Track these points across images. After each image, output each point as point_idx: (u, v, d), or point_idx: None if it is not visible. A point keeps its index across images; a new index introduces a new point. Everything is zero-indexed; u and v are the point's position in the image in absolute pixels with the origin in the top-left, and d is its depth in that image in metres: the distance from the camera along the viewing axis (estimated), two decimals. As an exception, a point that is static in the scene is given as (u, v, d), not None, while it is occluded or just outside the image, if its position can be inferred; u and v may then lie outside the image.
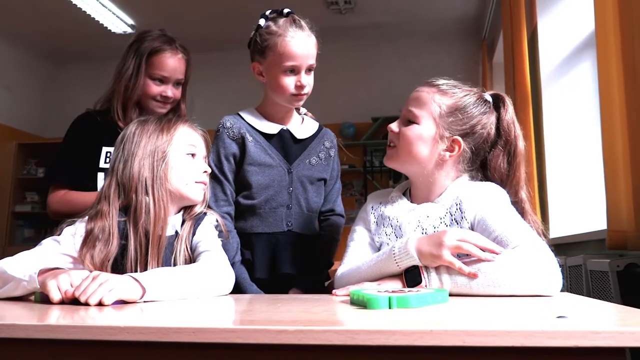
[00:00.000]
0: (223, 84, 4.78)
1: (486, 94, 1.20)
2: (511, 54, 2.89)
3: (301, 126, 1.48)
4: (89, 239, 1.14)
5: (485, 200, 1.09)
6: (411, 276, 1.00)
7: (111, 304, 0.87)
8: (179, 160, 1.22)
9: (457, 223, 1.10)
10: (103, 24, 4.48)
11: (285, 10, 1.37)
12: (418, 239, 1.01)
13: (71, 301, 0.89)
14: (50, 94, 5.43)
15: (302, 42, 1.34)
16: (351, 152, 2.01)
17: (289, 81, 1.35)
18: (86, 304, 0.86)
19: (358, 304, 0.82)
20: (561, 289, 0.94)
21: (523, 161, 1.18)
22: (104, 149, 1.64)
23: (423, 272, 0.99)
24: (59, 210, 1.60)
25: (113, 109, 1.65)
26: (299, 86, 1.36)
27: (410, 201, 1.20)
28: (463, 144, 1.14)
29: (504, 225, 1.03)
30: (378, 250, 1.18)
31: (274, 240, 1.39)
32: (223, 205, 1.38)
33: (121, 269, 1.14)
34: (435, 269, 0.98)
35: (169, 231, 1.20)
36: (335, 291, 1.03)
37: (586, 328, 0.57)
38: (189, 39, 1.79)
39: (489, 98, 1.20)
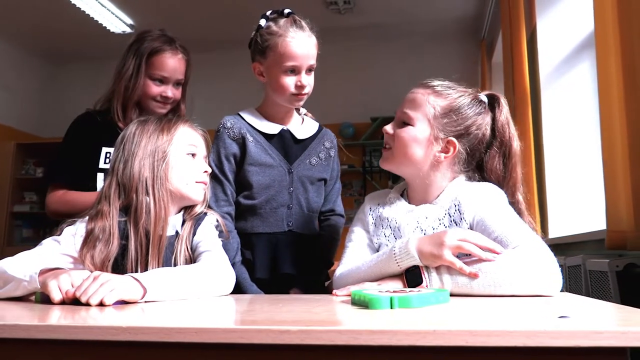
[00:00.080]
0: (223, 84, 4.78)
1: (481, 95, 1.19)
2: (510, 54, 2.89)
3: (301, 126, 1.48)
4: (89, 239, 1.14)
5: (483, 201, 1.09)
6: (412, 276, 1.00)
7: (112, 304, 0.87)
8: (179, 160, 1.22)
9: (456, 224, 1.10)
10: (102, 24, 4.48)
11: (286, 11, 1.37)
12: (419, 239, 1.01)
13: (72, 301, 0.89)
14: (48, 94, 5.41)
15: (303, 43, 1.34)
16: (350, 152, 2.00)
17: (289, 81, 1.36)
18: (87, 304, 0.86)
19: (359, 304, 0.82)
20: (561, 289, 0.94)
21: (519, 162, 1.18)
22: (104, 149, 1.64)
23: (424, 272, 0.99)
24: (58, 210, 1.60)
25: (113, 109, 1.65)
26: (299, 86, 1.36)
27: (408, 202, 1.20)
28: (458, 145, 1.14)
29: (504, 226, 1.03)
30: (377, 251, 1.17)
31: (274, 240, 1.39)
32: (223, 205, 1.38)
33: (121, 269, 1.14)
34: (435, 269, 0.98)
35: (170, 231, 1.20)
36: (336, 291, 1.03)
37: (588, 328, 0.57)
38: (188, 39, 1.78)
39: (485, 98, 1.19)
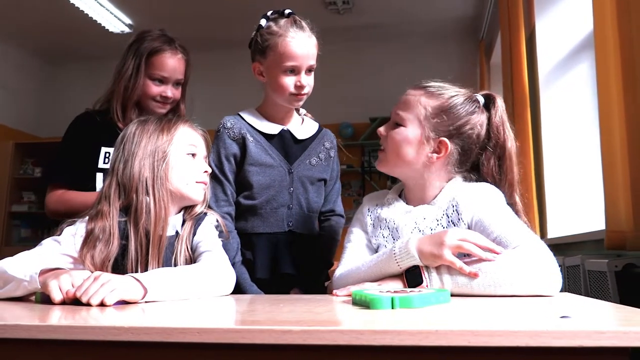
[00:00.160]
0: (223, 84, 4.77)
1: (478, 94, 1.19)
2: (509, 55, 2.89)
3: (301, 126, 1.48)
4: (89, 239, 1.14)
5: (481, 201, 1.09)
6: (412, 276, 1.00)
7: (113, 305, 0.87)
8: (179, 160, 1.22)
9: (454, 224, 1.10)
10: (100, 24, 4.47)
11: (287, 11, 1.37)
12: (419, 238, 1.01)
13: (72, 301, 0.89)
14: (47, 94, 5.40)
15: (303, 43, 1.34)
16: (349, 152, 2.00)
17: (289, 81, 1.36)
18: (88, 305, 0.86)
19: (360, 304, 0.82)
20: (560, 289, 0.94)
21: (515, 164, 1.18)
22: (103, 149, 1.64)
23: (424, 272, 0.99)
24: (57, 210, 1.60)
25: (112, 109, 1.65)
26: (299, 86, 1.36)
27: (406, 203, 1.20)
28: (450, 145, 1.13)
29: (503, 226, 1.03)
30: (375, 251, 1.17)
31: (274, 240, 1.39)
32: (223, 205, 1.38)
33: (122, 269, 1.14)
34: (436, 268, 0.98)
35: (170, 231, 1.20)
36: (336, 291, 1.03)
37: (590, 328, 0.57)
38: (188, 39, 1.78)
39: (480, 98, 1.18)
